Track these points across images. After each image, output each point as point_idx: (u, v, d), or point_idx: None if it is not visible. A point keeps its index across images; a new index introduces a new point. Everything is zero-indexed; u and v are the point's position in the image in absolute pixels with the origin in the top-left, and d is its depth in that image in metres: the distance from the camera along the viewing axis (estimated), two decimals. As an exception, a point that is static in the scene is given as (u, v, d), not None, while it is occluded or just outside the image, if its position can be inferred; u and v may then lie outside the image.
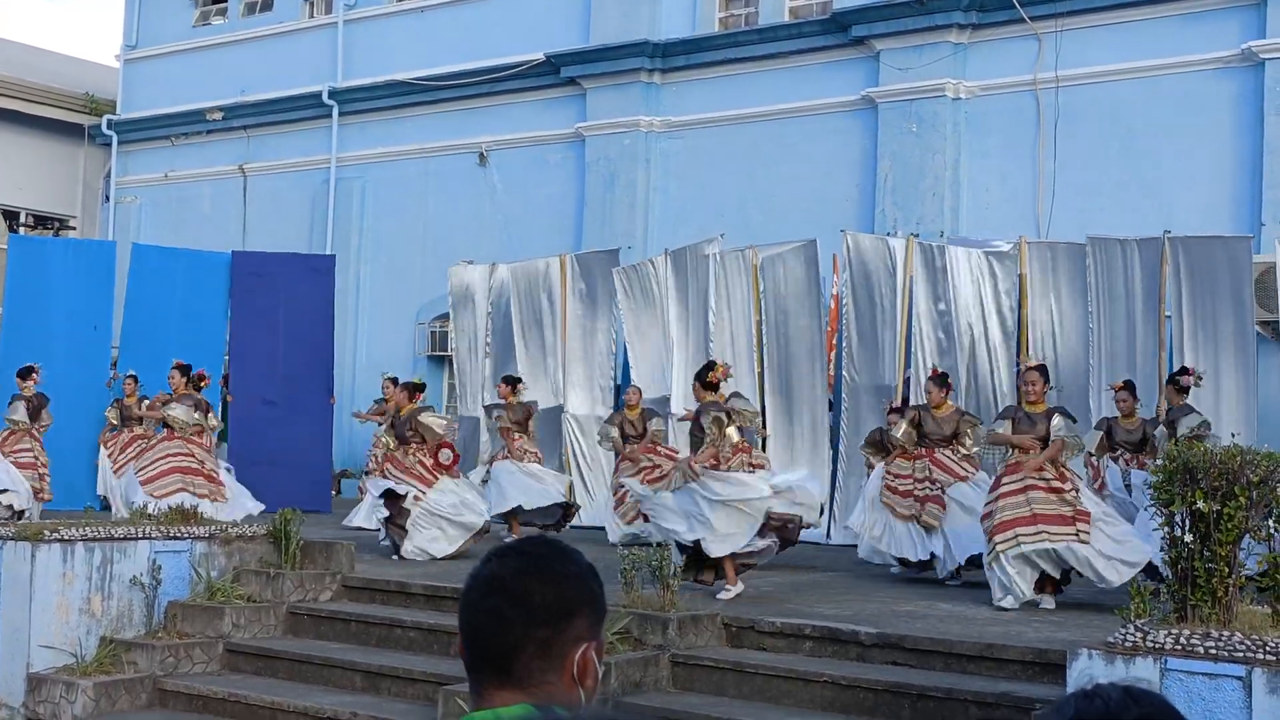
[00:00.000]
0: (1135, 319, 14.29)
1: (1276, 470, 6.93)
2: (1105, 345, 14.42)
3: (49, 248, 20.02)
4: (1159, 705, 1.85)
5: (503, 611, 2.18)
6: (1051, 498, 10.39)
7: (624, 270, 17.32)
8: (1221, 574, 6.86)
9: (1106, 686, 1.88)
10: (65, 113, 26.72)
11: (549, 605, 2.19)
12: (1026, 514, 10.35)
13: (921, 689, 8.22)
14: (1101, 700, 1.85)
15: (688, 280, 16.65)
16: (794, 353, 15.90)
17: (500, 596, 2.19)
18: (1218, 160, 16.32)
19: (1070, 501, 10.39)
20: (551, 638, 2.18)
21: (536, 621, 2.18)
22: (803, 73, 19.26)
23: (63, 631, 10.53)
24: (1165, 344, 14.07)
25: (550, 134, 21.51)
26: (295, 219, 24.16)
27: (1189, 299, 13.90)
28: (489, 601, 2.20)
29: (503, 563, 2.23)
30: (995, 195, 17.82)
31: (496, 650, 2.18)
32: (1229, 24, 16.35)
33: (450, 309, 19.36)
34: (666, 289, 16.73)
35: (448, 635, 10.08)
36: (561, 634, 2.19)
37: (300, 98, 23.99)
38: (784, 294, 16.00)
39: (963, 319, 15.09)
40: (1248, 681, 6.41)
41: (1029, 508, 10.37)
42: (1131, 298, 14.30)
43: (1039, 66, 17.44)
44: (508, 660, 2.18)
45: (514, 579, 2.20)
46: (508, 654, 2.18)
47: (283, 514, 12.01)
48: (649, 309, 17.01)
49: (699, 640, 9.34)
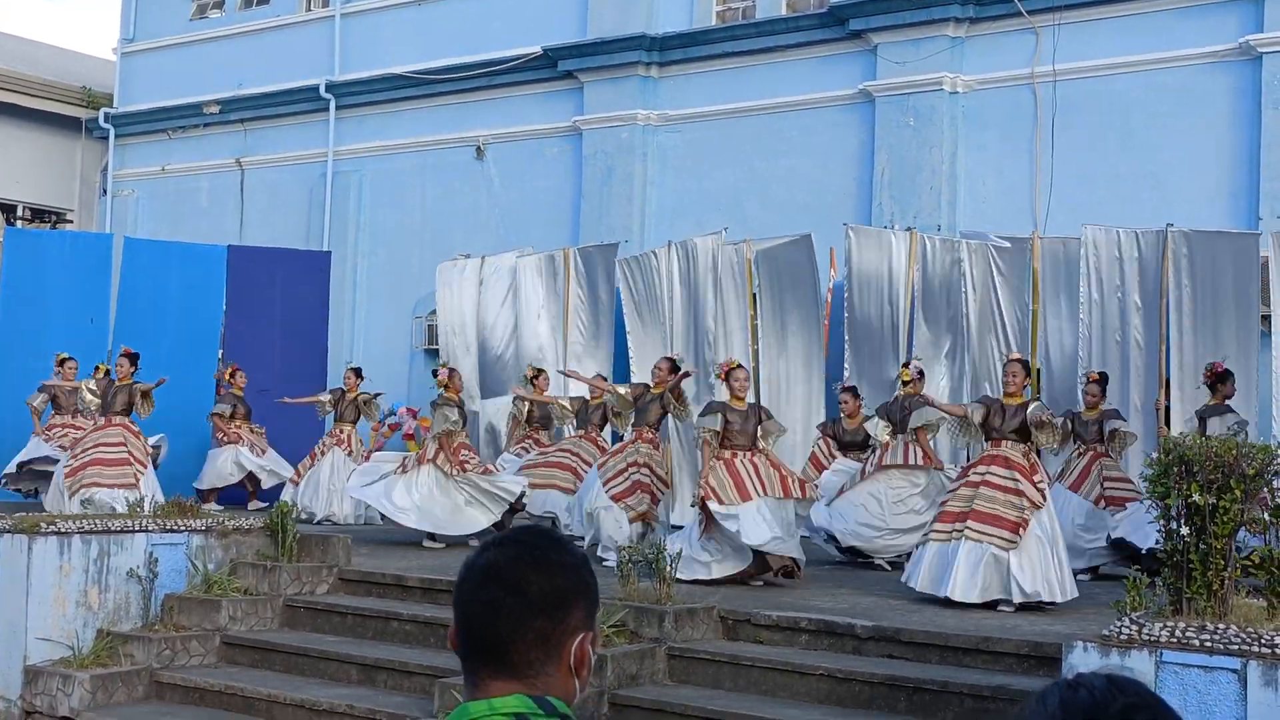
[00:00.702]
0: (1132, 312, 14.27)
1: (1272, 463, 6.95)
2: (1096, 338, 14.41)
3: (46, 241, 20.00)
4: (1143, 694, 1.83)
5: (500, 601, 2.17)
6: (999, 496, 10.11)
7: (625, 262, 17.35)
8: (1217, 567, 6.87)
9: (1089, 676, 1.86)
10: (62, 106, 26.67)
11: (546, 595, 2.18)
12: (966, 509, 10.15)
13: (917, 682, 8.24)
14: (1086, 691, 1.82)
15: (689, 273, 16.67)
16: (790, 346, 15.91)
17: (498, 586, 2.18)
18: (1215, 154, 16.31)
19: (1018, 507, 10.03)
20: (549, 628, 2.18)
21: (534, 611, 2.17)
22: (800, 66, 19.25)
23: (60, 624, 10.54)
24: (1165, 338, 14.04)
25: (547, 127, 21.48)
26: (292, 212, 24.14)
27: (1190, 293, 13.87)
28: (486, 591, 2.19)
29: (500, 552, 2.22)
30: (992, 189, 17.82)
31: (493, 640, 2.18)
32: (1227, 18, 16.35)
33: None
34: (671, 281, 16.76)
35: (444, 628, 10.06)
36: (559, 624, 2.19)
37: (297, 91, 23.96)
38: (780, 288, 16.00)
39: (971, 313, 15.06)
40: (1243, 674, 6.43)
41: (971, 503, 10.16)
42: (1127, 290, 14.29)
43: (1036, 60, 17.43)
44: (504, 650, 2.17)
45: (511, 568, 2.19)
46: (504, 644, 2.17)
47: (279, 507, 12.02)
48: (650, 302, 17.03)
49: (695, 633, 9.35)
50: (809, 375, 15.92)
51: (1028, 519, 9.98)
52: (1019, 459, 10.31)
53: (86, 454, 14.43)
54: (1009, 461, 10.28)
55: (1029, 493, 10.10)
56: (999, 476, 10.20)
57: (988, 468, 10.35)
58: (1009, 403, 10.62)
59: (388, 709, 9.10)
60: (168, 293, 18.37)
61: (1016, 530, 9.94)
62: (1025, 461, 10.32)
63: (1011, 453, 10.34)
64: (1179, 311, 13.95)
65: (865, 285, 15.64)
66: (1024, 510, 10.02)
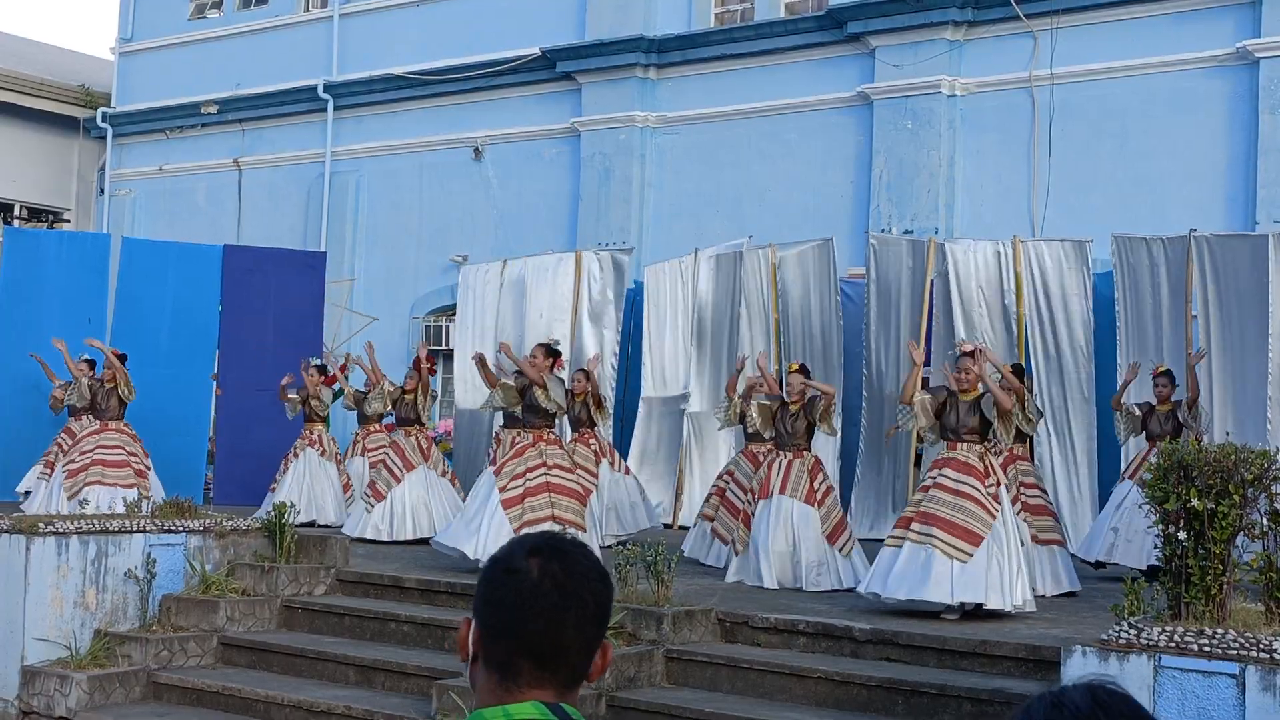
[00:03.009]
0: (1162, 318, 14.17)
1: (1271, 468, 6.95)
2: (1134, 343, 14.28)
3: (43, 240, 19.97)
4: (1129, 709, 1.79)
5: (563, 610, 2.17)
6: (948, 499, 9.66)
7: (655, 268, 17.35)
8: (1215, 571, 6.88)
9: (1072, 693, 1.81)
10: (60, 105, 26.66)
11: (600, 605, 2.21)
12: (915, 513, 9.82)
13: (915, 685, 8.24)
14: (1070, 711, 1.78)
15: (715, 279, 16.68)
16: (813, 350, 15.85)
17: (560, 595, 2.18)
18: (1212, 159, 16.34)
19: (971, 513, 9.60)
20: (596, 638, 2.22)
21: (589, 620, 2.20)
22: (798, 69, 19.27)
23: (57, 624, 10.53)
24: (1192, 342, 13.86)
25: (545, 129, 21.50)
26: (290, 213, 24.15)
27: (1215, 298, 13.79)
28: (547, 600, 2.17)
29: (552, 561, 2.21)
30: (990, 192, 17.84)
31: (553, 649, 2.17)
32: (1224, 23, 16.38)
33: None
34: (694, 287, 16.77)
35: (442, 629, 10.10)
36: (601, 634, 2.23)
37: (295, 91, 23.96)
38: (800, 293, 16.00)
39: (984, 317, 14.98)
40: (1241, 679, 6.43)
41: (920, 506, 9.81)
42: (1158, 296, 14.17)
43: (1034, 64, 17.45)
44: (559, 659, 2.18)
45: (569, 579, 2.19)
46: (562, 653, 2.18)
47: (277, 508, 12.01)
48: (670, 307, 17.02)
49: (693, 635, 9.35)
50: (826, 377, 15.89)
51: (981, 534, 9.50)
52: (975, 462, 9.83)
53: (86, 455, 14.45)
54: (963, 465, 9.81)
55: (982, 499, 9.63)
56: (951, 480, 9.75)
57: (940, 471, 9.86)
58: (964, 399, 10.08)
59: (385, 710, 9.09)
60: (165, 292, 18.36)
61: (968, 538, 9.50)
62: (981, 464, 9.83)
63: (968, 455, 9.86)
64: (1205, 315, 13.84)
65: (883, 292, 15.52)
66: (977, 517, 9.55)
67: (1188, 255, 13.89)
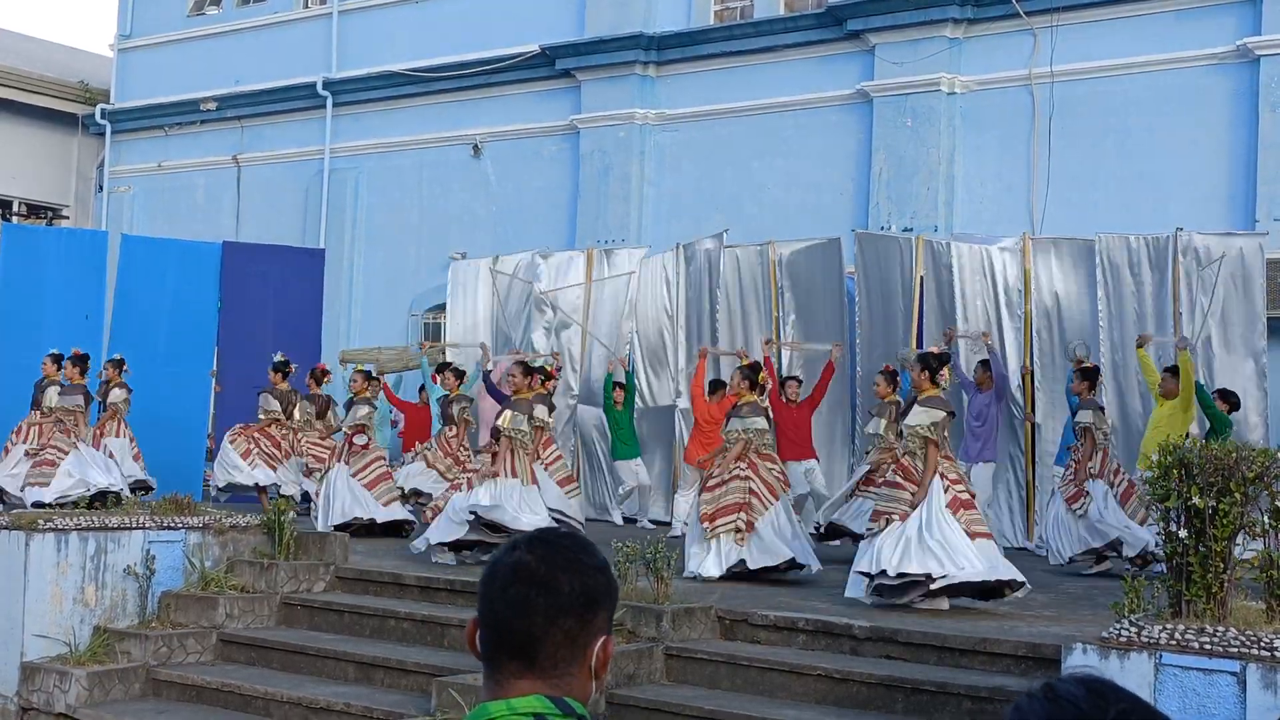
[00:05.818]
0: (1146, 316, 14.18)
1: (1271, 466, 6.95)
2: (1117, 341, 14.30)
3: (42, 237, 19.94)
4: (1125, 696, 1.77)
5: (532, 599, 2.18)
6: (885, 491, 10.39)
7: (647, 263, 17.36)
8: (1216, 569, 6.88)
9: (1062, 685, 1.78)
10: (59, 102, 26.65)
11: (576, 596, 2.19)
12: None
13: (915, 683, 8.24)
14: (1070, 704, 1.75)
15: (693, 274, 16.68)
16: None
17: (529, 585, 2.18)
18: (1213, 156, 16.34)
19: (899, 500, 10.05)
20: (577, 628, 2.19)
21: (564, 611, 2.18)
22: (798, 66, 19.26)
23: (57, 621, 10.54)
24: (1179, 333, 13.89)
25: (545, 126, 21.49)
26: (289, 210, 24.14)
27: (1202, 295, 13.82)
28: (516, 590, 2.19)
29: (530, 552, 2.22)
30: (990, 190, 17.83)
31: (523, 639, 2.18)
32: (1224, 20, 16.38)
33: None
34: (676, 283, 16.78)
35: (441, 626, 10.10)
36: (586, 625, 2.20)
37: (294, 88, 23.96)
38: (804, 290, 15.99)
39: (974, 315, 14.99)
40: (1242, 677, 6.43)
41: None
42: (1141, 294, 14.20)
43: (1034, 61, 17.45)
44: (533, 650, 2.18)
45: (542, 568, 2.19)
46: (534, 643, 2.18)
47: (276, 504, 12.01)
48: (653, 303, 17.04)
49: (693, 633, 9.35)
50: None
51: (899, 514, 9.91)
52: (906, 461, 10.25)
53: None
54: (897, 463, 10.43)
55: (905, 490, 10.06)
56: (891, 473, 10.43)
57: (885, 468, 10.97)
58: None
59: (384, 706, 9.09)
60: (164, 289, 18.33)
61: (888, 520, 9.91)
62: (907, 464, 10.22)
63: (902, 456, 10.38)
64: (1191, 313, 13.86)
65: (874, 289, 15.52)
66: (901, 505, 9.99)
67: (1174, 253, 13.92)
